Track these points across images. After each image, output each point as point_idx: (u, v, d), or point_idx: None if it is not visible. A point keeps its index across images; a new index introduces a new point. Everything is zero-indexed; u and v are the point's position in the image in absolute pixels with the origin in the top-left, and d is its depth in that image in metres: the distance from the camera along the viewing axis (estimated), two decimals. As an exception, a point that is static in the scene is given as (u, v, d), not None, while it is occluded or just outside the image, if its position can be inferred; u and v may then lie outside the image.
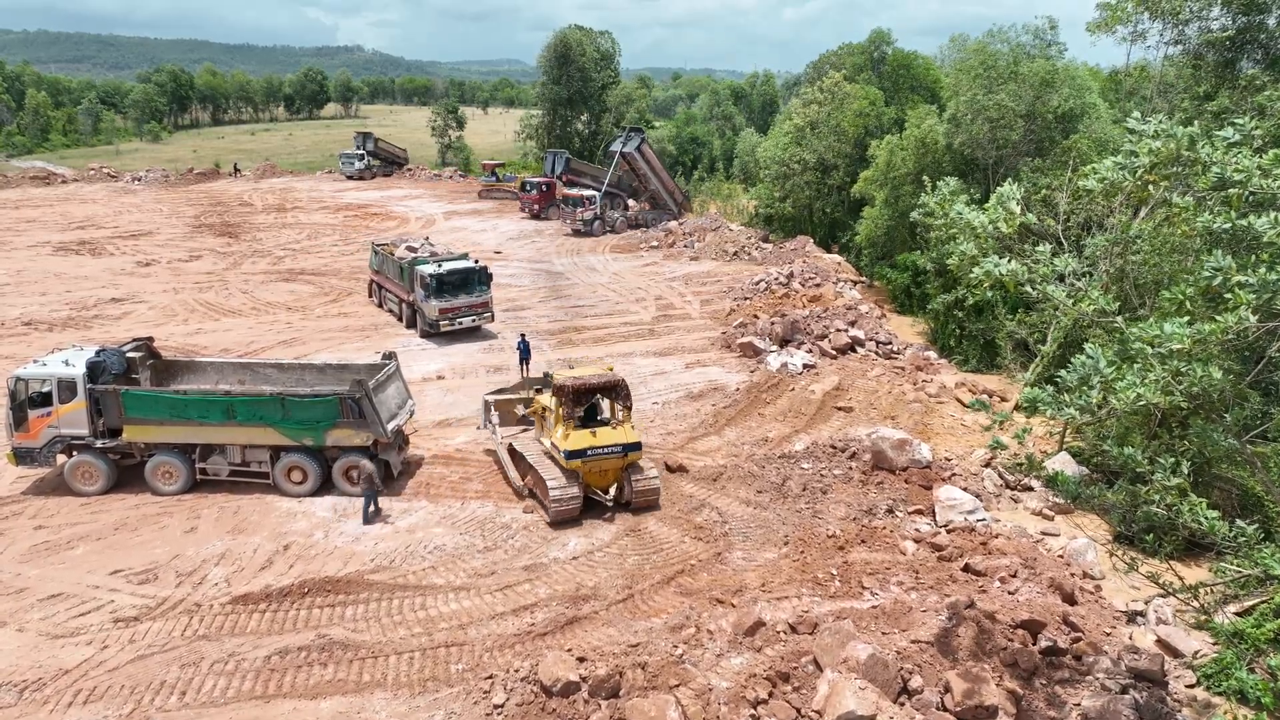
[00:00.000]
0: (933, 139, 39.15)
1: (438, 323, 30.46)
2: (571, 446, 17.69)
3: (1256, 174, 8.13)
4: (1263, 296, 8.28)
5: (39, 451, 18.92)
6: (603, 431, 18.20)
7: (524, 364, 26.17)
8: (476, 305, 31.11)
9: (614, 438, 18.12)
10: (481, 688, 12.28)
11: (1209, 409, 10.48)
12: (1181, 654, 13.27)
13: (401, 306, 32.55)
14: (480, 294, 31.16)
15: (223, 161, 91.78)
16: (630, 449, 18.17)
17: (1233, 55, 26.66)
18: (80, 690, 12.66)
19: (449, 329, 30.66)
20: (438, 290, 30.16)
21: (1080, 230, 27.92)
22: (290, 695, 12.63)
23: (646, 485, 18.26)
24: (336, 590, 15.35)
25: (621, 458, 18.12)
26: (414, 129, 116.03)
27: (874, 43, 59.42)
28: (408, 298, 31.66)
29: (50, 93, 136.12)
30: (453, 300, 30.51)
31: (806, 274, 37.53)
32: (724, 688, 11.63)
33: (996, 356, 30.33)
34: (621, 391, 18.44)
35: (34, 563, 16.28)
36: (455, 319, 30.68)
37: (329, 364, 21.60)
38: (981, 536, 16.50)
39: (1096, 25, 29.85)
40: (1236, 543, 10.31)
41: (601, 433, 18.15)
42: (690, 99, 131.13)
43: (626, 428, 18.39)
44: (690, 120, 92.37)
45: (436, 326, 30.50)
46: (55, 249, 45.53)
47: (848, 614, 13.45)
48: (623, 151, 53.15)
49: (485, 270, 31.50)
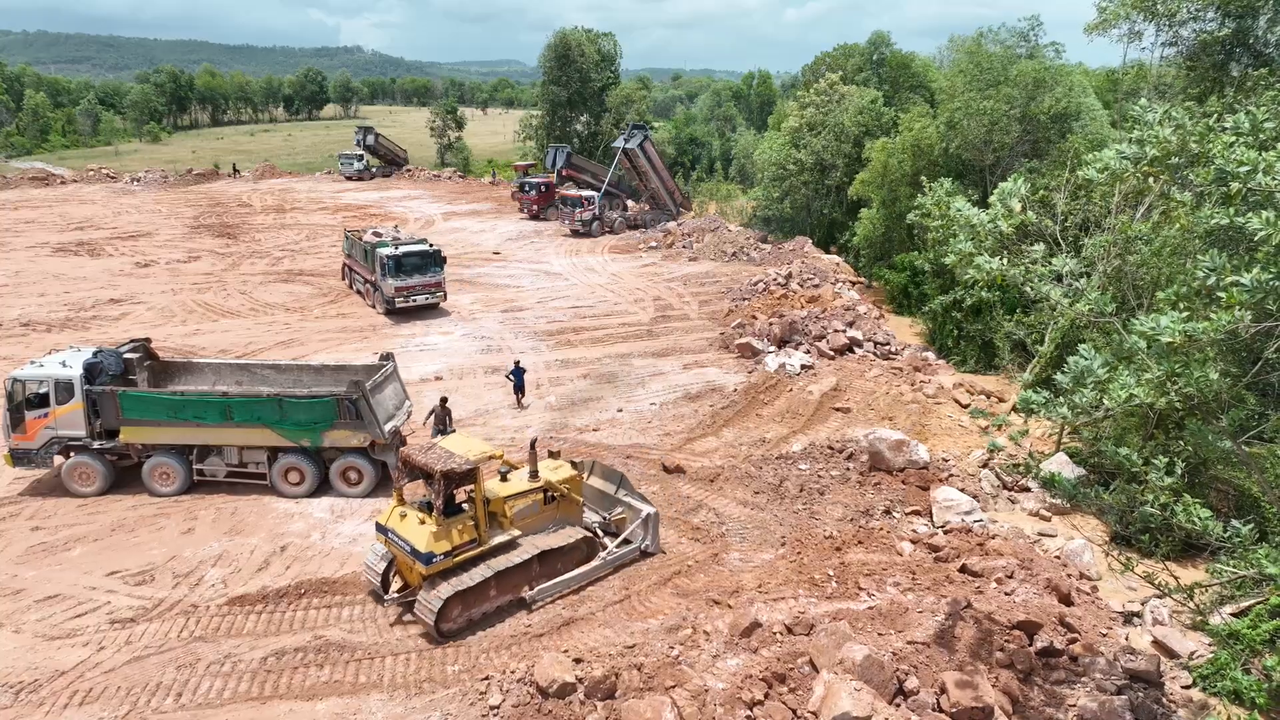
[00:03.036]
0: (928, 142, 39.20)
1: (393, 300, 33.34)
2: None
3: (1260, 167, 8.06)
4: (1256, 296, 8.28)
5: (36, 453, 18.91)
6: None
7: (518, 393, 24.40)
8: (430, 285, 33.94)
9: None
10: (478, 689, 12.27)
11: (1204, 410, 10.48)
12: (1178, 655, 13.28)
13: (367, 286, 35.48)
14: (434, 275, 33.97)
15: (222, 162, 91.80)
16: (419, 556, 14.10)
17: (1224, 58, 26.70)
18: (76, 692, 12.66)
19: (404, 306, 33.47)
20: (394, 270, 33.04)
21: (1078, 230, 27.94)
22: (287, 696, 12.63)
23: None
24: (333, 591, 15.35)
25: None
26: (413, 129, 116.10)
27: (874, 44, 59.52)
28: (371, 278, 34.54)
29: (49, 93, 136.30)
30: (408, 280, 33.36)
31: (805, 275, 37.53)
32: (720, 689, 11.62)
33: (994, 357, 30.33)
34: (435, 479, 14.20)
35: (31, 564, 16.27)
36: (410, 297, 33.53)
37: (326, 365, 21.60)
38: (978, 537, 16.50)
39: (1093, 26, 29.91)
40: (1232, 543, 10.32)
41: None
42: (690, 99, 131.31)
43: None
44: (690, 121, 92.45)
45: (393, 304, 33.40)
46: (54, 250, 45.53)
47: (844, 615, 13.44)
48: (625, 148, 53.13)
49: (439, 253, 34.31)
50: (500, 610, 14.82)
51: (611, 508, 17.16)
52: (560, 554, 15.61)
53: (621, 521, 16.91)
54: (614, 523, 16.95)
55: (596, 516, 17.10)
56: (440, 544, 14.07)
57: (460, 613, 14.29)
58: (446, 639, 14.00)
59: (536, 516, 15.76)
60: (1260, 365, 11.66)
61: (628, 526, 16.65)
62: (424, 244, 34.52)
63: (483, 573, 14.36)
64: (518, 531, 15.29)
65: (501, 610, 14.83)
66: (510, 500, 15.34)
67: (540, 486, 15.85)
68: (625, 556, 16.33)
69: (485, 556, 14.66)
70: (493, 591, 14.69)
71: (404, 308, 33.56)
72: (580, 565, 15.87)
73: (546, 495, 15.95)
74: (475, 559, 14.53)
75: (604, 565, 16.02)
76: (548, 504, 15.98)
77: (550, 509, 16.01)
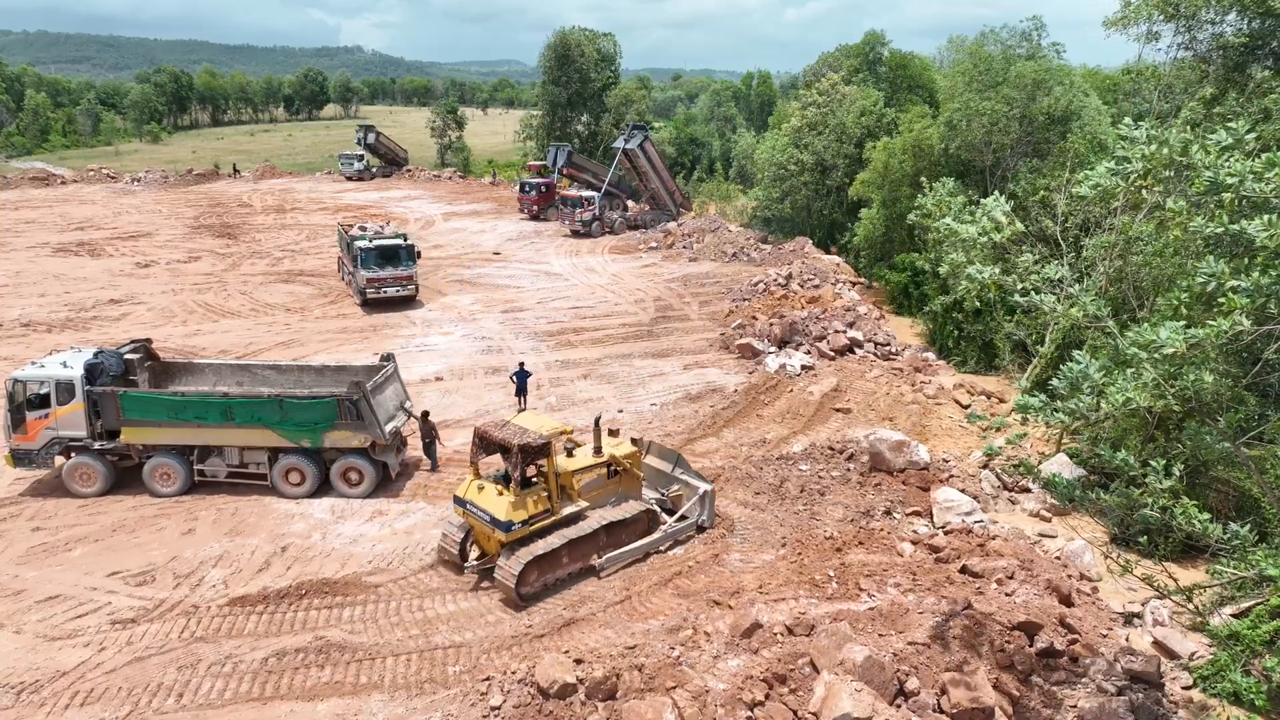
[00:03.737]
0: (928, 142, 39.21)
1: (365, 290, 34.49)
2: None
3: (1249, 178, 8.14)
4: (1257, 301, 8.30)
5: (37, 453, 18.92)
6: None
7: (520, 395, 24.07)
8: (401, 277, 34.90)
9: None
10: (478, 689, 12.27)
11: (1202, 412, 10.49)
12: (1178, 656, 13.29)
13: (349, 278, 36.93)
14: (405, 268, 34.87)
15: (222, 162, 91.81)
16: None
17: (1243, 59, 26.61)
18: (77, 692, 12.67)
19: (374, 297, 34.57)
20: (366, 262, 34.25)
21: (1079, 231, 27.96)
22: (288, 697, 12.64)
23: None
24: (334, 592, 15.37)
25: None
26: (414, 129, 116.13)
27: (869, 44, 59.47)
28: (353, 270, 35.79)
29: (50, 93, 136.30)
30: (379, 272, 34.44)
31: (805, 275, 37.54)
32: (721, 689, 11.63)
33: (995, 358, 30.35)
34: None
35: (32, 564, 16.28)
36: (381, 288, 34.61)
37: (327, 366, 21.61)
38: (979, 538, 16.50)
39: (1113, 21, 29.80)
40: (1231, 545, 10.33)
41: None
42: (690, 100, 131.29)
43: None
44: (690, 121, 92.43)
45: (365, 294, 34.56)
46: (54, 250, 45.53)
47: (845, 616, 13.45)
48: (625, 148, 53.08)
49: (412, 247, 35.21)
50: (570, 577, 15.85)
51: (668, 485, 18.16)
52: (624, 526, 16.64)
53: (678, 498, 17.83)
54: (670, 499, 17.93)
55: (654, 493, 18.13)
56: (518, 513, 15.11)
57: (536, 578, 15.30)
58: (525, 603, 15.00)
59: (601, 490, 16.81)
60: (1260, 366, 11.68)
61: (684, 503, 17.59)
62: (399, 238, 35.49)
63: (556, 541, 15.39)
64: (585, 504, 16.31)
65: (571, 577, 15.86)
66: (578, 474, 16.35)
67: (604, 462, 16.84)
68: (683, 531, 17.35)
69: (558, 526, 15.69)
70: (565, 559, 15.74)
71: (375, 299, 34.62)
72: (642, 537, 16.86)
73: (610, 470, 16.94)
74: (548, 528, 15.55)
75: (664, 538, 17.00)
76: (611, 478, 16.99)
77: (613, 483, 17.04)
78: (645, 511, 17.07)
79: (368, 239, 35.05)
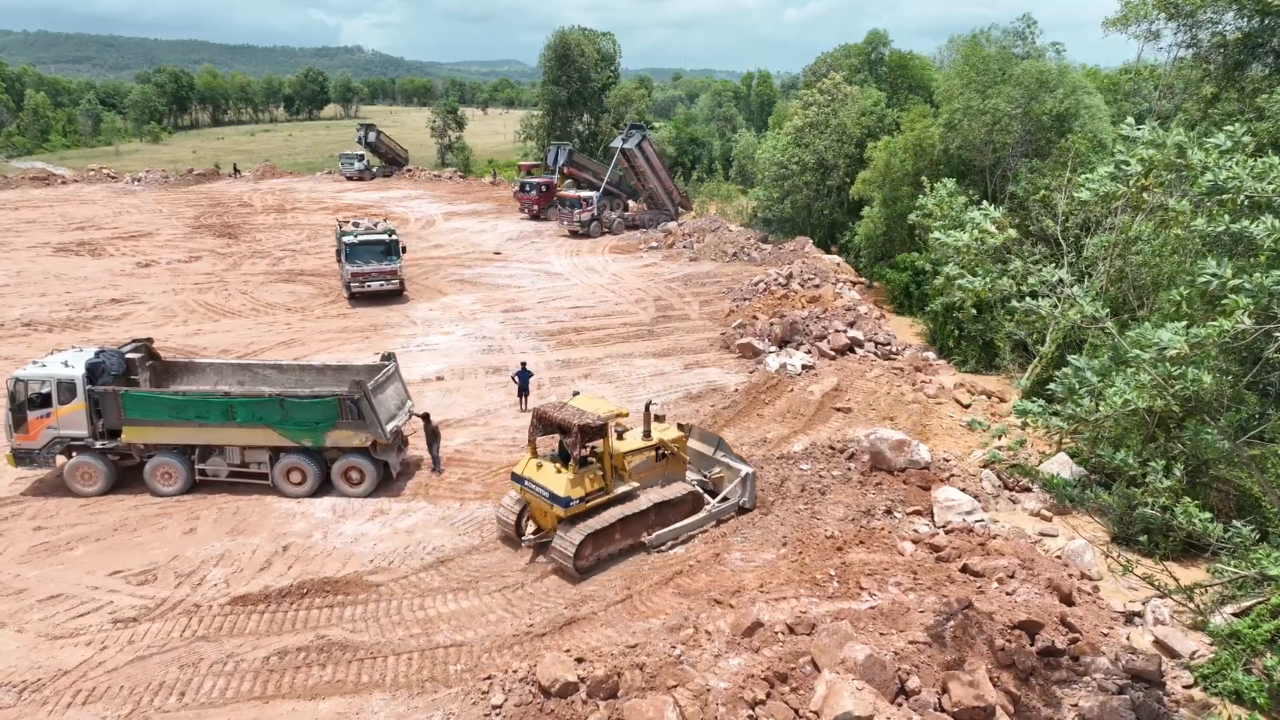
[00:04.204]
0: (929, 141, 39.21)
1: (349, 284, 35.59)
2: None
3: (1249, 180, 8.17)
4: (1260, 301, 8.31)
5: (38, 452, 18.94)
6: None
7: (523, 395, 24.21)
8: (385, 272, 35.64)
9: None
10: (480, 688, 12.29)
11: (1203, 411, 10.51)
12: (1179, 654, 13.29)
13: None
14: (389, 263, 35.59)
15: (222, 162, 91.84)
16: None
17: (1242, 58, 26.61)
18: (79, 691, 12.69)
19: (359, 290, 35.58)
20: (350, 256, 35.28)
21: (1080, 230, 27.96)
22: (289, 696, 12.66)
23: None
24: (335, 591, 15.38)
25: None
26: (414, 129, 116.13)
27: (870, 44, 59.46)
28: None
29: (50, 93, 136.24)
30: (364, 266, 35.36)
31: (805, 275, 37.55)
32: (722, 688, 11.64)
33: (995, 357, 30.36)
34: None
35: (33, 563, 16.30)
36: (365, 282, 35.52)
37: (328, 365, 21.62)
38: (979, 537, 16.52)
39: (1113, 21, 29.79)
40: (1232, 544, 10.34)
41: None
42: (690, 100, 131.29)
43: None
44: (690, 121, 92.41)
45: (349, 288, 35.68)
46: (55, 250, 45.55)
47: (845, 615, 13.46)
48: (623, 148, 53.01)
49: (396, 243, 35.97)
50: (621, 552, 16.71)
51: (710, 467, 19.01)
52: (672, 505, 17.50)
53: (720, 480, 18.70)
54: (712, 481, 18.83)
55: (696, 475, 18.93)
56: (576, 489, 15.92)
57: (591, 551, 16.11)
58: (582, 575, 15.84)
59: (649, 471, 17.64)
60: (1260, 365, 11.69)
61: (726, 485, 18.42)
62: (384, 234, 36.19)
63: (611, 517, 16.26)
64: (635, 484, 17.14)
65: (622, 552, 16.73)
66: (629, 456, 17.19)
67: (654, 445, 17.69)
68: (726, 511, 18.15)
69: (611, 504, 16.54)
70: (618, 535, 16.58)
71: (359, 292, 35.63)
72: (687, 516, 17.67)
73: (658, 453, 17.79)
74: (603, 505, 16.41)
75: (708, 518, 17.85)
76: (659, 461, 17.85)
77: (661, 465, 17.89)
78: (691, 493, 17.89)
79: (354, 235, 35.91)
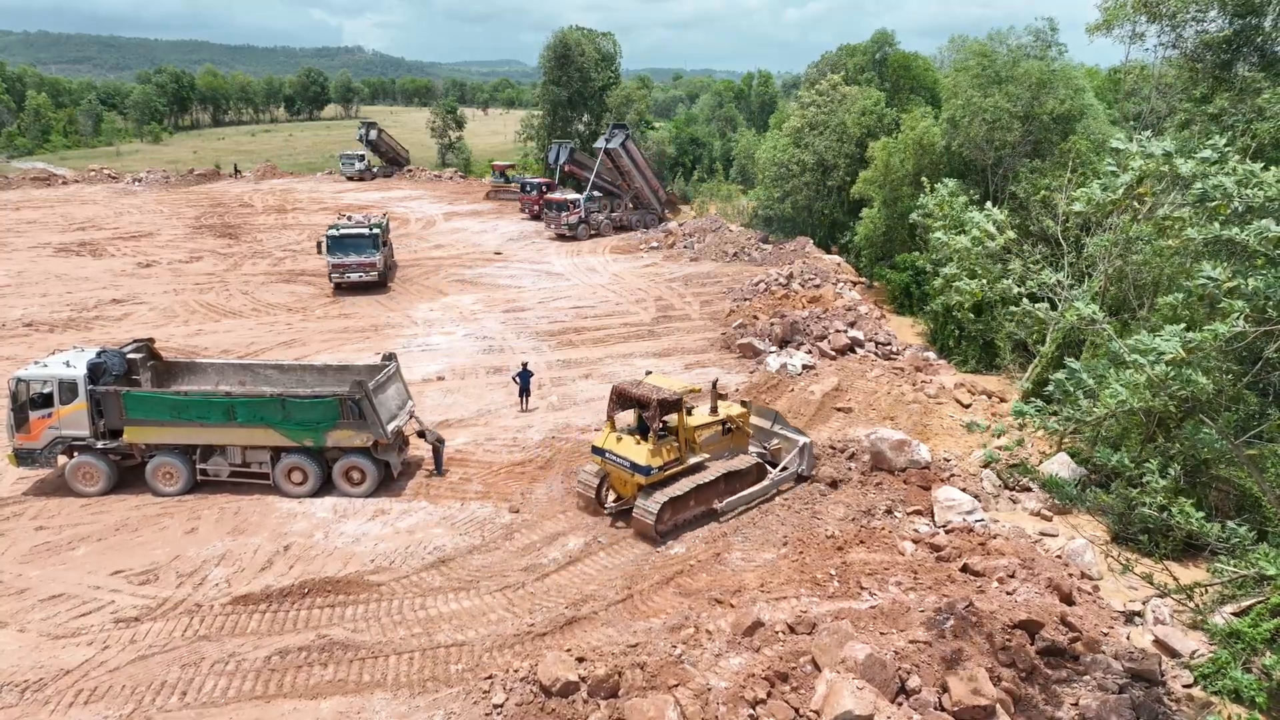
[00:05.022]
0: (929, 140, 39.19)
1: (330, 275, 37.06)
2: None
3: (1235, 188, 8.26)
4: (1257, 304, 8.36)
5: (40, 452, 18.98)
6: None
7: (524, 395, 24.29)
8: (365, 264, 37.09)
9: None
10: (481, 688, 12.31)
11: (1200, 411, 10.54)
12: (1179, 654, 13.31)
13: None
14: (368, 255, 37.04)
15: (223, 163, 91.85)
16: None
17: (1229, 57, 26.69)
18: (81, 690, 12.72)
19: (339, 281, 37.12)
20: (332, 249, 36.73)
21: (1080, 231, 27.96)
22: (290, 695, 12.68)
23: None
24: (337, 591, 15.41)
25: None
26: (414, 130, 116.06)
27: (876, 44, 59.47)
28: None
29: (51, 94, 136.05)
30: (344, 258, 36.83)
31: (806, 275, 37.57)
32: (722, 688, 11.67)
33: (996, 357, 30.36)
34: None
35: (35, 563, 16.34)
36: (344, 274, 37.02)
37: (329, 365, 21.65)
38: (980, 537, 16.54)
39: (1095, 27, 29.90)
40: (1231, 543, 10.36)
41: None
42: (691, 100, 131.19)
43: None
44: (691, 121, 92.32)
45: (330, 279, 37.14)
46: (56, 250, 45.60)
47: (846, 614, 13.49)
48: (606, 148, 52.68)
49: (376, 237, 37.28)
50: (694, 519, 17.82)
51: (768, 440, 20.06)
52: (739, 475, 18.57)
53: (778, 451, 19.72)
54: (771, 452, 19.83)
55: (756, 448, 19.90)
56: (656, 459, 17.11)
57: (670, 517, 17.31)
58: (662, 539, 17.06)
59: (717, 444, 18.79)
60: (1260, 365, 11.72)
61: (784, 456, 19.41)
62: (363, 229, 37.64)
63: (686, 485, 17.42)
64: (705, 455, 18.34)
65: (695, 519, 17.84)
66: (699, 429, 18.32)
67: (721, 420, 18.83)
68: (785, 480, 19.21)
69: (685, 473, 17.71)
70: (692, 502, 17.70)
71: (340, 283, 37.06)
72: (752, 486, 18.66)
73: (724, 427, 18.88)
74: (678, 475, 17.58)
75: (770, 486, 18.91)
76: (725, 434, 18.95)
77: (727, 439, 19.01)
78: (756, 464, 18.97)
79: (337, 229, 37.39)
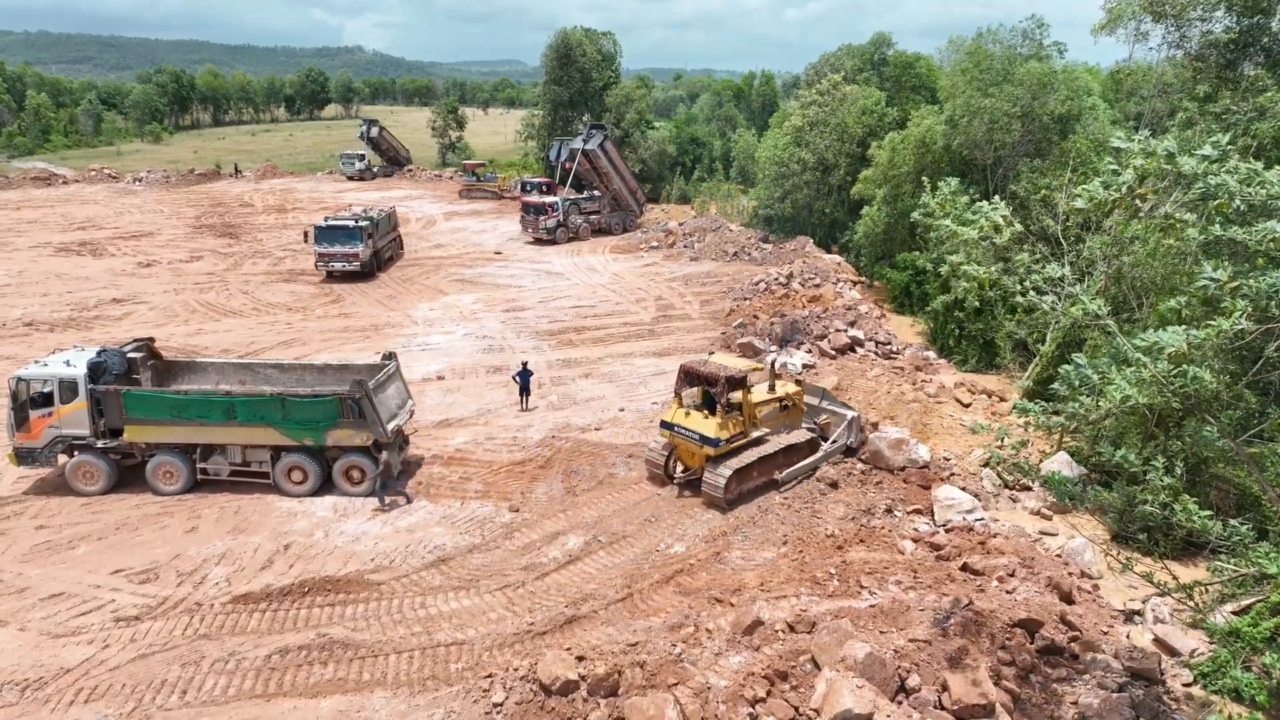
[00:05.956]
0: (932, 138, 39.16)
1: (316, 264, 39.61)
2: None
3: (1237, 186, 8.26)
4: (1259, 303, 8.36)
5: (40, 452, 18.99)
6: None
7: (524, 395, 24.37)
8: (348, 254, 39.33)
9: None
10: (481, 686, 12.32)
11: (1202, 410, 10.53)
12: (1178, 653, 13.31)
13: None
14: (351, 246, 39.25)
15: (223, 162, 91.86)
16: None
17: (1234, 56, 26.65)
18: (82, 689, 12.73)
19: (325, 269, 39.65)
20: (319, 239, 39.21)
21: (1080, 230, 27.95)
22: (290, 694, 12.70)
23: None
24: (336, 589, 15.42)
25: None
26: (415, 129, 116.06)
27: (875, 45, 59.44)
28: None
29: (51, 94, 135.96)
30: (329, 248, 39.24)
31: (806, 274, 37.57)
32: (722, 686, 11.67)
33: (996, 356, 30.32)
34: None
35: (35, 562, 16.35)
36: (329, 263, 39.48)
37: (329, 364, 21.66)
38: (980, 536, 16.54)
39: (1100, 26, 29.84)
40: (1231, 542, 10.36)
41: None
42: (691, 99, 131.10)
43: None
44: (691, 121, 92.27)
45: (317, 266, 39.66)
46: (56, 250, 45.62)
47: (846, 613, 13.49)
48: (584, 149, 52.43)
49: (359, 229, 39.37)
50: (756, 489, 18.92)
51: (817, 415, 21.22)
52: (796, 449, 19.80)
53: (826, 425, 20.96)
54: (820, 427, 21.00)
55: (807, 423, 21.03)
56: (723, 432, 18.36)
57: (735, 486, 18.41)
58: (730, 507, 18.23)
59: (775, 420, 20.10)
60: (1261, 364, 11.71)
61: (833, 430, 20.64)
62: (349, 221, 39.87)
63: (750, 456, 18.63)
64: (766, 430, 19.61)
65: (757, 489, 18.95)
66: (759, 406, 19.61)
67: (779, 397, 20.12)
68: (835, 451, 20.30)
69: (749, 446, 18.89)
70: (755, 473, 18.85)
71: (326, 270, 39.52)
72: (807, 458, 19.76)
73: (781, 404, 20.16)
74: (742, 448, 18.77)
75: (823, 457, 20.04)
76: (782, 411, 20.25)
77: (784, 415, 20.33)
78: (810, 438, 20.22)
79: (325, 221, 39.64)
